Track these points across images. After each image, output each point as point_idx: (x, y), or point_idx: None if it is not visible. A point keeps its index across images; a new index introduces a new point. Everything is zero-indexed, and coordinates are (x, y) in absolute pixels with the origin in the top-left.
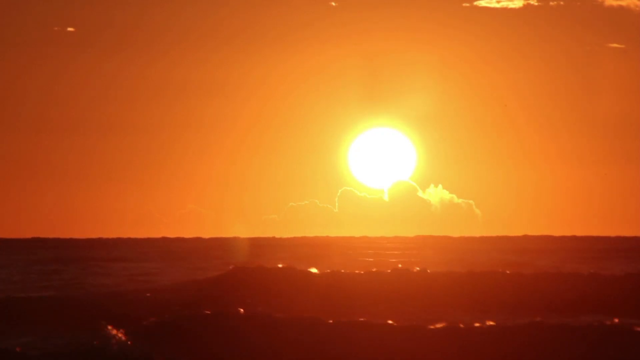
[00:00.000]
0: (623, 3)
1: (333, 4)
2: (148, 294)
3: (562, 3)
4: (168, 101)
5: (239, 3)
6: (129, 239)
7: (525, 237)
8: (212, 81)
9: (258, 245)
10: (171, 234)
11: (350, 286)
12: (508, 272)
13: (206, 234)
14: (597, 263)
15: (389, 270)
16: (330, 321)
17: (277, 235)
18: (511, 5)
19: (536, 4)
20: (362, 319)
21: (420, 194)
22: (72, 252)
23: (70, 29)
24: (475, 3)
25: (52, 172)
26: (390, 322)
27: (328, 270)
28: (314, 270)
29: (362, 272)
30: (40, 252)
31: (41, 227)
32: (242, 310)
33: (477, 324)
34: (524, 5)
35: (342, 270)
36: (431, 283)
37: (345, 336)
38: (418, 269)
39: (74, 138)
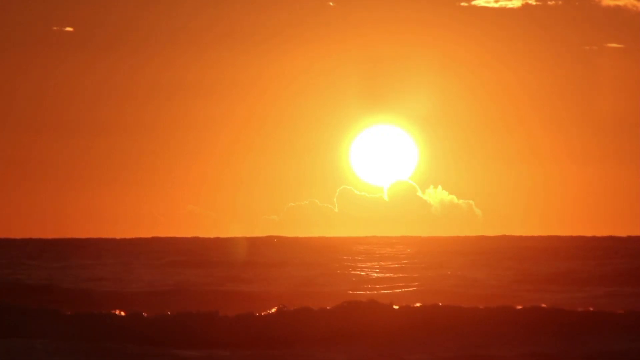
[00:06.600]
0: (620, 3)
1: (331, 4)
2: None
3: (560, 3)
4: (169, 101)
5: (237, 3)
6: (135, 239)
7: (526, 238)
8: (213, 80)
9: (258, 245)
10: (170, 234)
11: None
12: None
13: (206, 235)
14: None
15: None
16: None
17: (278, 235)
18: (509, 4)
19: (534, 3)
20: None
21: (419, 194)
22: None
23: (68, 28)
24: (473, 3)
25: (49, 172)
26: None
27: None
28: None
29: None
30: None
31: (37, 227)
32: None
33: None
34: (523, 5)
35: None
36: None
37: None
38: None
39: (73, 138)
